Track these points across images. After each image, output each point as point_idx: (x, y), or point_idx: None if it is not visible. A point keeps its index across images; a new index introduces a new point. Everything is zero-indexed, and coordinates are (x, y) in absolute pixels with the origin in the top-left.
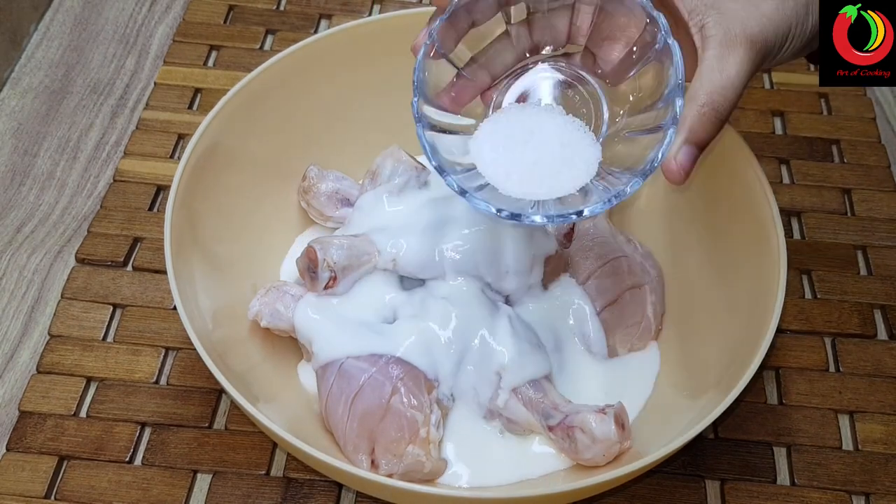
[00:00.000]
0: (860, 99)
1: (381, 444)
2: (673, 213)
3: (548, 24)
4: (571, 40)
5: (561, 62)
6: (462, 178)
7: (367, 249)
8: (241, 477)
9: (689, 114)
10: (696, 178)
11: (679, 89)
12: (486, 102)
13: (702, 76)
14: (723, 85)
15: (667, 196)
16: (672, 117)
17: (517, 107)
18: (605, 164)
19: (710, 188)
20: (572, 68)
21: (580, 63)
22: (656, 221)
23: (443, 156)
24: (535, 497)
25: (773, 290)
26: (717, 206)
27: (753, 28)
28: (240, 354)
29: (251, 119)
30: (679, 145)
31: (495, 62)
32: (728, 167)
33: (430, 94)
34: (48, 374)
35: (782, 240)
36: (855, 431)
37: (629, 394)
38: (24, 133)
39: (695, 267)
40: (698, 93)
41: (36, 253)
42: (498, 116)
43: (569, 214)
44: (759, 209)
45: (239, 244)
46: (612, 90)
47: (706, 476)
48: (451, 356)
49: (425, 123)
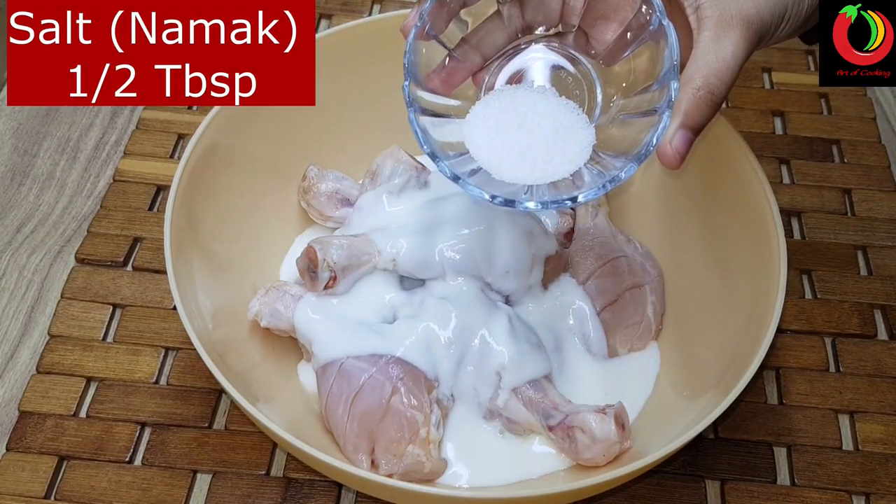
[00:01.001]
0: (860, 99)
1: (381, 444)
2: (673, 213)
3: (540, 3)
4: (564, 20)
5: (554, 42)
6: (455, 162)
7: (367, 249)
8: (241, 477)
9: (685, 97)
10: (697, 177)
11: (674, 72)
12: (477, 84)
13: (697, 58)
14: (718, 67)
15: (667, 196)
16: (667, 100)
17: (509, 89)
18: (599, 148)
19: (710, 188)
20: (565, 49)
21: (573, 44)
22: (656, 221)
23: (435, 140)
24: (535, 497)
25: (773, 290)
26: (717, 206)
27: (749, 9)
28: (240, 354)
29: (251, 119)
30: (674, 129)
31: (487, 43)
32: (728, 167)
33: (421, 76)
34: (48, 374)
35: (782, 240)
36: (855, 431)
37: (629, 394)
38: (24, 133)
39: (695, 267)
40: (694, 75)
41: (36, 253)
42: (490, 99)
43: (563, 200)
44: (759, 209)
45: (239, 244)
46: (606, 71)
47: (706, 476)
48: (451, 356)
49: (417, 108)
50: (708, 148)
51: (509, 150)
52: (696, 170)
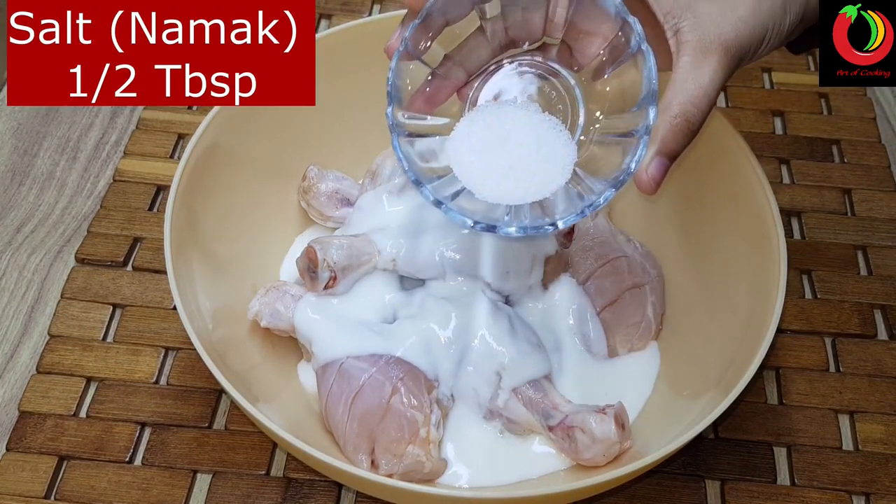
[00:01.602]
0: (860, 99)
1: (381, 444)
2: (673, 214)
3: (523, 19)
4: (547, 34)
5: (538, 57)
6: (438, 185)
7: (367, 249)
8: (241, 477)
9: (662, 125)
10: (697, 178)
11: (652, 97)
12: (462, 99)
13: (676, 84)
14: (696, 94)
15: (667, 196)
16: (645, 126)
17: (493, 105)
18: (580, 166)
19: (710, 188)
20: (549, 63)
21: (557, 58)
22: (656, 221)
23: (419, 165)
24: (535, 497)
25: (773, 290)
26: (717, 206)
27: (728, 34)
28: (240, 354)
29: (251, 119)
30: (651, 157)
31: (470, 59)
32: (728, 167)
33: (404, 100)
34: (48, 374)
35: (782, 240)
36: (855, 431)
37: (629, 394)
38: (24, 133)
39: (695, 267)
40: (672, 103)
41: (36, 253)
42: (473, 116)
43: (543, 226)
44: (759, 209)
45: (239, 244)
46: (588, 87)
47: (706, 476)
48: (451, 356)
49: (401, 132)
50: (708, 148)
51: (492, 171)
52: (697, 170)
